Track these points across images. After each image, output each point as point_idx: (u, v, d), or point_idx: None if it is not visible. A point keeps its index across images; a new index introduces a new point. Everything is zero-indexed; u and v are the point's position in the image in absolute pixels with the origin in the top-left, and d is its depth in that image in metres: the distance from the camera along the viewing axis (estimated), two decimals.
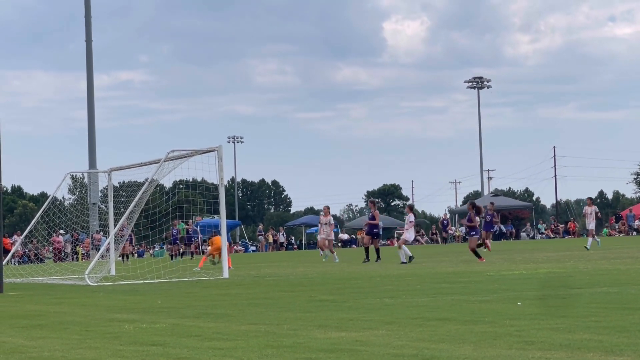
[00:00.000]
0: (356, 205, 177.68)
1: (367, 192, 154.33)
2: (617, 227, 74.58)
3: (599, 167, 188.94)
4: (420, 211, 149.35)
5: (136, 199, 25.41)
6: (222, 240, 26.35)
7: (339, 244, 78.85)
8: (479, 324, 10.01)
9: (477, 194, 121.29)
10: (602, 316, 10.30)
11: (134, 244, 51.24)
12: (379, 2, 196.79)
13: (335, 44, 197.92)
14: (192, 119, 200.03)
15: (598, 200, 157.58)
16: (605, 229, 74.17)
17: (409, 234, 29.35)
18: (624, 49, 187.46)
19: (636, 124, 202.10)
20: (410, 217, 29.29)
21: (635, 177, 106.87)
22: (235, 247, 70.11)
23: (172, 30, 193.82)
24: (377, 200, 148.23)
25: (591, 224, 37.29)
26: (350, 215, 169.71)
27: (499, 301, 12.92)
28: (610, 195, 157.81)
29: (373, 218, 32.80)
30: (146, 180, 26.18)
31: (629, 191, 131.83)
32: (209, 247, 33.19)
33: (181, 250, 47.97)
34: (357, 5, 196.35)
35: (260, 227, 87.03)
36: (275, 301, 14.74)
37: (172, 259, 42.40)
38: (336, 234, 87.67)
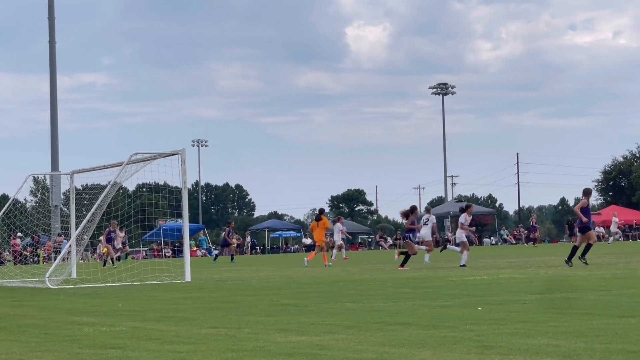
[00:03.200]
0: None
1: (331, 197, 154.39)
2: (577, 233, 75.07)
3: (561, 174, 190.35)
4: (384, 216, 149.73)
5: (98, 201, 25.27)
6: (185, 244, 26.26)
7: (303, 249, 78.86)
8: (440, 328, 10.05)
9: (440, 200, 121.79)
10: (561, 321, 10.38)
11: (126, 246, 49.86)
12: (342, 7, 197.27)
13: (298, 49, 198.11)
14: (155, 122, 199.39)
15: (560, 208, 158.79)
16: (566, 235, 74.67)
17: (461, 235, 28.40)
18: (584, 58, 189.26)
19: (597, 131, 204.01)
20: (433, 219, 28.49)
21: (597, 184, 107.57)
22: (197, 252, 69.85)
23: (135, 33, 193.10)
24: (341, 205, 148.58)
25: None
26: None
27: (459, 306, 12.98)
28: (572, 202, 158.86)
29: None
30: (109, 183, 26.04)
31: (591, 198, 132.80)
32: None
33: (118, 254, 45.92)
34: (320, 11, 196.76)
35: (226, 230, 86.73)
36: (237, 305, 14.71)
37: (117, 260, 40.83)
38: (300, 238, 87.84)
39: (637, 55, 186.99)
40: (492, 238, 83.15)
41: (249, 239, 79.34)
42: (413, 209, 28.75)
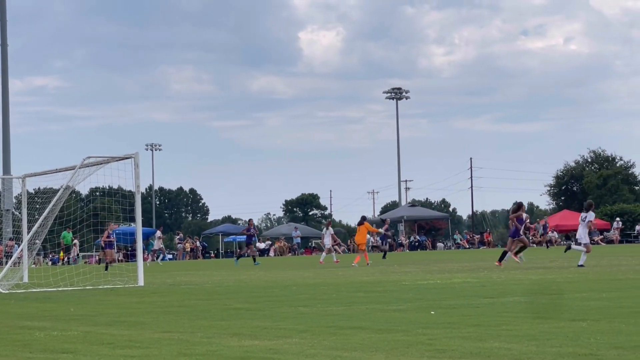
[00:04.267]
0: (274, 215, 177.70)
1: (285, 201, 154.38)
2: (531, 238, 75.69)
3: (514, 179, 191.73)
4: (338, 221, 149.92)
5: (50, 205, 25.06)
6: (138, 248, 26.12)
7: (257, 253, 78.70)
8: (392, 332, 10.08)
9: (394, 204, 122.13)
10: (513, 325, 10.45)
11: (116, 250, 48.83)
12: (295, 11, 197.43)
13: (251, 53, 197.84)
14: (108, 125, 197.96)
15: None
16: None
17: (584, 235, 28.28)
18: (536, 63, 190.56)
19: (549, 136, 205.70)
20: (590, 216, 28.13)
21: (549, 188, 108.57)
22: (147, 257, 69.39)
23: (87, 36, 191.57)
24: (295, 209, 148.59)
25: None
26: (269, 225, 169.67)
27: (412, 310, 13.03)
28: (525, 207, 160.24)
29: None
30: (61, 186, 25.82)
31: (543, 203, 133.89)
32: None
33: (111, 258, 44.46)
34: (274, 15, 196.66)
35: (179, 235, 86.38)
36: (190, 309, 14.66)
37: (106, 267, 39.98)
38: (254, 242, 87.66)
39: (588, 60, 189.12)
40: (445, 242, 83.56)
41: (197, 243, 79.07)
42: (520, 205, 29.67)
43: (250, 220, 47.51)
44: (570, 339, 9.02)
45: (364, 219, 38.77)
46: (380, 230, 45.05)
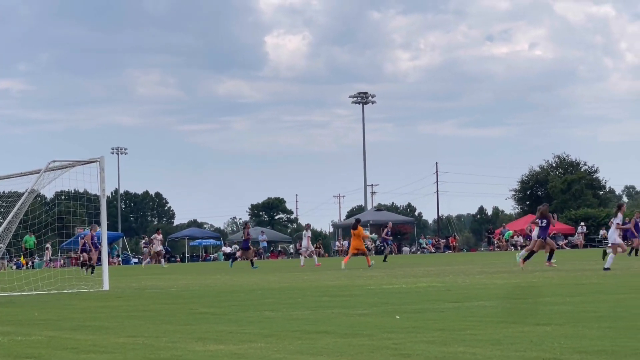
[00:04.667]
0: (240, 218, 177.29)
1: (251, 205, 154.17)
2: (495, 242, 76.02)
3: (480, 183, 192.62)
4: (304, 225, 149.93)
5: (15, 209, 24.87)
6: (103, 252, 25.99)
7: (222, 257, 78.55)
8: (358, 337, 10.10)
9: (360, 209, 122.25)
10: (478, 329, 10.50)
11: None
12: (261, 16, 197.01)
13: (217, 57, 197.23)
14: (74, 129, 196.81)
15: (478, 216, 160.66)
16: (484, 244, 75.68)
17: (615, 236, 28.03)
18: (501, 68, 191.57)
19: (514, 141, 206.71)
20: (618, 218, 28.13)
21: (514, 193, 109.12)
22: (113, 261, 69.08)
23: (52, 39, 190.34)
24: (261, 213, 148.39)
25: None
26: (234, 229, 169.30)
27: (378, 314, 13.06)
28: (490, 212, 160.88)
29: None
30: (26, 190, 25.64)
31: (508, 207, 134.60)
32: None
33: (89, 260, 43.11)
34: (240, 19, 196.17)
35: (145, 239, 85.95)
36: (155, 314, 14.61)
37: (86, 270, 39.13)
38: (219, 246, 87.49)
39: (552, 66, 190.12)
40: (411, 247, 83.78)
41: (159, 247, 78.54)
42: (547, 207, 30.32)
43: (247, 223, 47.33)
44: (534, 344, 9.07)
45: (358, 221, 38.41)
46: (368, 234, 45.07)
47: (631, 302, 14.13)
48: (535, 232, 31.78)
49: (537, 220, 29.66)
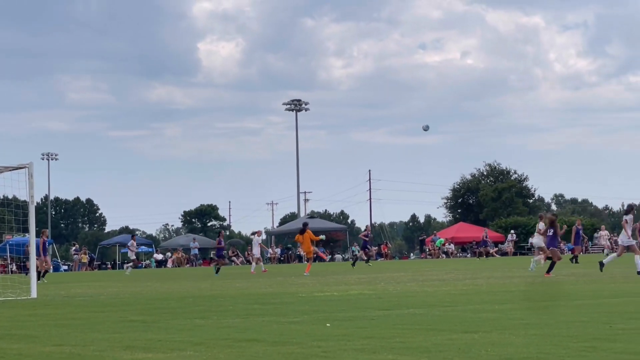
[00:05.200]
0: (172, 225, 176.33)
1: (184, 212, 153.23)
2: (427, 249, 76.55)
3: (412, 191, 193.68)
4: (237, 232, 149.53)
5: None
6: (32, 259, 25.64)
7: (154, 264, 78.01)
8: (287, 345, 10.09)
9: (293, 216, 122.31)
10: (407, 337, 10.55)
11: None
12: (194, 22, 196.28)
13: (150, 63, 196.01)
14: (3, 134, 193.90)
15: (410, 224, 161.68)
16: (416, 251, 76.16)
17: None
18: (433, 76, 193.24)
19: (446, 149, 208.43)
20: (629, 218, 27.99)
21: (446, 201, 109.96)
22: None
23: None
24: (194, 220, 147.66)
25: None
26: (167, 235, 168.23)
27: (308, 322, 13.05)
28: (422, 219, 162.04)
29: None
30: None
31: (440, 215, 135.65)
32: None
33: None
34: (172, 25, 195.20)
35: (75, 246, 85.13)
36: (84, 322, 14.44)
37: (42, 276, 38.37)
38: (151, 253, 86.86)
39: (484, 75, 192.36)
40: (343, 254, 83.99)
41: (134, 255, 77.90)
42: (556, 216, 30.76)
43: (220, 232, 47.12)
44: (462, 351, 9.14)
45: (305, 225, 38.12)
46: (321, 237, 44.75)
47: (558, 310, 14.31)
48: (535, 239, 32.20)
49: (547, 229, 30.02)
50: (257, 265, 42.18)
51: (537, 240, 32.13)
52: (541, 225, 31.95)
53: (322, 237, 43.36)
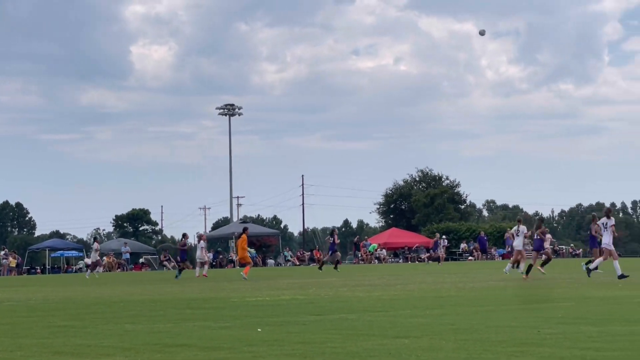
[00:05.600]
0: (104, 230, 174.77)
1: (116, 216, 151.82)
2: (360, 255, 76.80)
3: (345, 197, 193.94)
4: (169, 237, 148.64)
5: None
6: None
7: (85, 269, 77.16)
8: (218, 350, 10.05)
9: (226, 220, 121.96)
10: (338, 342, 10.57)
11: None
12: (126, 25, 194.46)
13: (81, 66, 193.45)
14: None
15: (343, 229, 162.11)
16: (349, 256, 76.37)
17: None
18: (366, 82, 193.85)
19: (379, 154, 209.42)
20: (611, 221, 27.87)
21: (379, 206, 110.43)
22: None
23: None
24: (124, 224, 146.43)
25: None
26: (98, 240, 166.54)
27: (240, 327, 13.02)
28: (355, 224, 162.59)
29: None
30: None
31: (372, 220, 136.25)
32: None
33: None
34: (104, 28, 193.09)
35: (4, 250, 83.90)
36: (11, 327, 14.23)
37: None
38: (81, 257, 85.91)
39: (416, 81, 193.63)
40: (276, 259, 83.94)
41: (97, 257, 76.98)
42: (543, 220, 31.11)
43: (185, 234, 46.55)
44: (392, 356, 9.18)
45: (244, 230, 37.81)
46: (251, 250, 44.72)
47: (488, 315, 14.45)
48: (516, 242, 32.70)
49: (535, 233, 30.46)
50: (201, 269, 42.05)
51: (517, 242, 32.66)
52: (521, 229, 32.46)
53: (253, 251, 43.36)
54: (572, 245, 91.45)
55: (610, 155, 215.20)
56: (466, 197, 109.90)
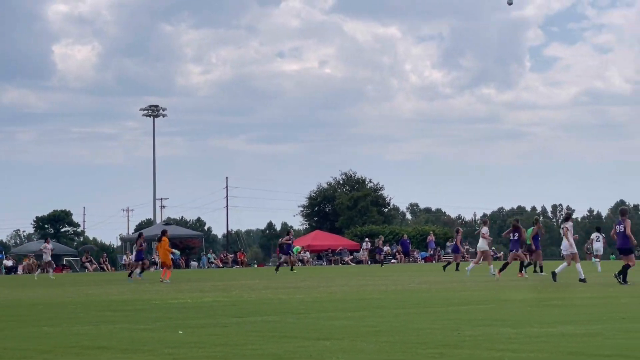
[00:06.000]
0: (24, 231, 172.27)
1: (37, 217, 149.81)
2: (282, 257, 76.77)
3: (269, 199, 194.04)
4: (91, 238, 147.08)
5: None
6: None
7: (4, 270, 75.98)
8: (138, 352, 9.97)
9: (149, 222, 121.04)
10: (259, 344, 10.56)
11: None
12: (49, 25, 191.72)
13: (2, 65, 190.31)
14: None
15: (267, 232, 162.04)
16: (272, 258, 76.34)
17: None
18: (291, 84, 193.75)
19: (304, 157, 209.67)
20: (569, 225, 27.82)
21: (302, 209, 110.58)
22: None
23: None
24: (46, 226, 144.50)
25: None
26: (18, 241, 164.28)
27: (160, 329, 12.93)
28: (279, 227, 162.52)
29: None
30: None
31: (297, 223, 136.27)
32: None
33: None
34: (25, 27, 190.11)
35: None
36: None
37: None
38: (1, 260, 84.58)
39: (341, 84, 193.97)
40: (199, 261, 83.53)
41: (49, 258, 75.54)
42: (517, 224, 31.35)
43: (140, 234, 45.76)
44: (313, 358, 9.20)
45: (164, 233, 37.43)
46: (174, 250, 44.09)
47: (409, 317, 14.55)
48: (479, 244, 33.08)
49: (510, 234, 30.58)
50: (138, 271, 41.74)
51: (481, 244, 32.94)
52: (484, 230, 32.90)
53: (177, 252, 42.84)
54: (493, 248, 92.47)
55: (531, 160, 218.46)
56: (390, 200, 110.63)
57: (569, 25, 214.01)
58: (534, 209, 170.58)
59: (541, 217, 71.53)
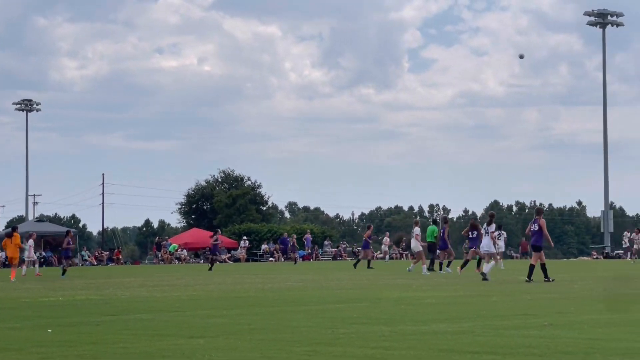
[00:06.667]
0: None
1: None
2: (160, 255, 76.12)
3: (146, 196, 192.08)
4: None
5: None
6: None
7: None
8: (5, 351, 9.72)
9: (21, 219, 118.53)
10: (131, 342, 10.40)
11: None
12: None
13: None
14: None
15: (144, 229, 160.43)
16: (149, 257, 75.57)
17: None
18: (169, 81, 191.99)
19: (182, 154, 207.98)
20: (492, 227, 27.61)
21: (180, 207, 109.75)
22: None
23: None
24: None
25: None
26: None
27: (29, 328, 12.63)
28: (156, 224, 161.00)
29: None
30: None
31: (174, 221, 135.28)
32: None
33: None
34: None
35: None
36: None
37: None
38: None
39: (220, 82, 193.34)
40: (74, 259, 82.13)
41: (34, 256, 72.45)
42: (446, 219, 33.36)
43: (69, 231, 44.15)
44: (186, 356, 9.10)
45: (14, 229, 36.47)
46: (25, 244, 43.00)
47: (284, 315, 14.54)
48: (412, 244, 33.28)
49: (469, 232, 30.47)
50: (29, 269, 40.78)
51: (414, 244, 33.02)
52: (416, 230, 33.10)
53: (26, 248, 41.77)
54: (509, 248, 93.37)
55: (408, 160, 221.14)
56: (268, 198, 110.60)
57: (446, 27, 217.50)
58: (411, 208, 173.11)
59: (418, 217, 72.52)
